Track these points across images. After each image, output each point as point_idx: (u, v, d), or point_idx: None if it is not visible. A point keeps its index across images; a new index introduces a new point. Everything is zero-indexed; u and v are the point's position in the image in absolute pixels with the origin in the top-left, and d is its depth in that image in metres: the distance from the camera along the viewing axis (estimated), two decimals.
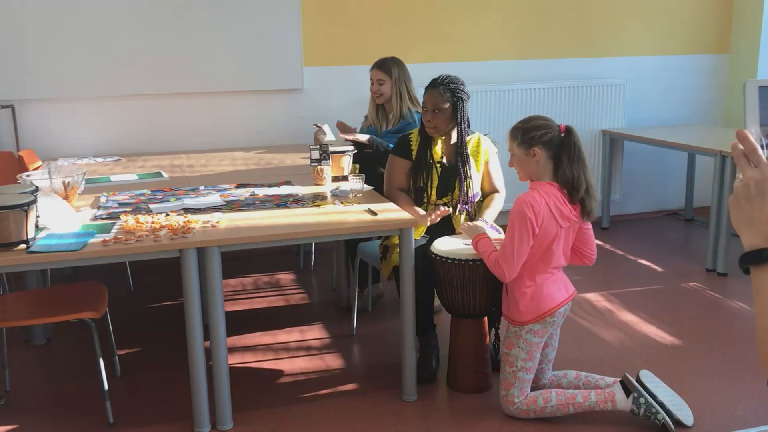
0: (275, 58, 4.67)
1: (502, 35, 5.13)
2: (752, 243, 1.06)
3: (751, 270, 1.06)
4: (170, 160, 4.21)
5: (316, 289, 4.27)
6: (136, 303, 4.07)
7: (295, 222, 2.79)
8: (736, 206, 1.08)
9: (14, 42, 4.22)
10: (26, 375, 3.21)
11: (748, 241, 1.06)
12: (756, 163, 1.06)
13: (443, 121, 3.10)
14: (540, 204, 2.62)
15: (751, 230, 1.06)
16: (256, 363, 3.28)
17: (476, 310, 2.91)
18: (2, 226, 2.39)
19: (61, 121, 4.44)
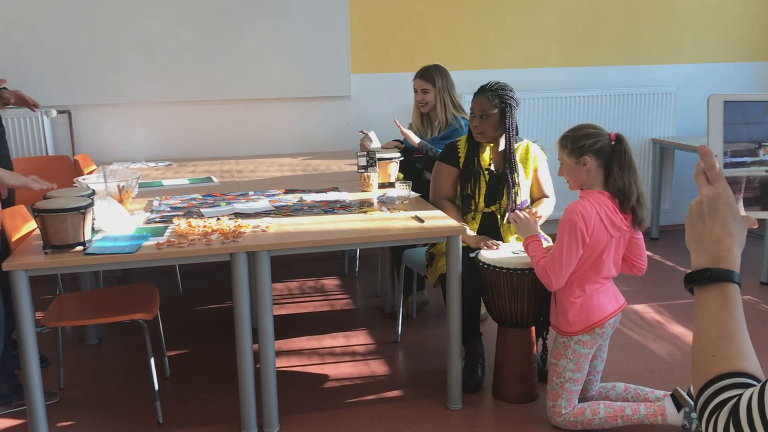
0: (323, 65, 4.72)
1: (551, 42, 5.09)
2: (698, 263, 1.03)
3: (694, 290, 1.03)
4: (219, 166, 4.28)
5: (360, 295, 4.28)
6: (184, 305, 4.15)
7: (343, 228, 2.81)
8: (689, 224, 1.06)
9: (72, 51, 4.34)
10: (79, 373, 3.29)
11: (695, 261, 1.04)
12: (712, 180, 1.03)
13: (490, 127, 3.09)
14: (590, 213, 2.59)
15: (700, 249, 1.03)
16: (301, 367, 3.31)
17: (524, 320, 2.89)
18: (60, 228, 2.46)
19: (114, 126, 4.55)
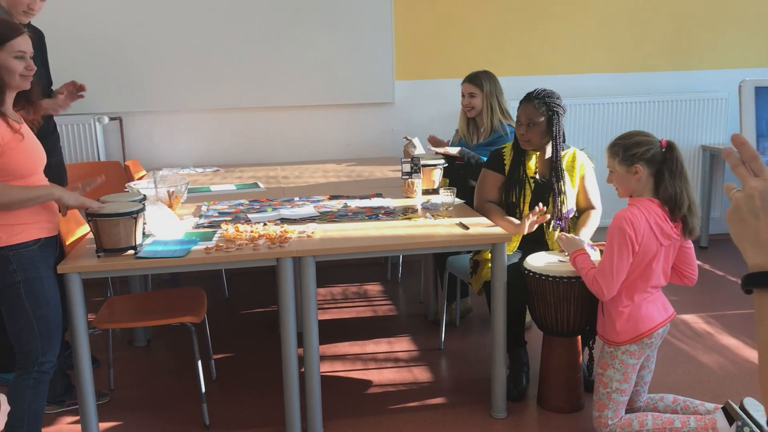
0: (367, 72, 4.74)
1: (598, 48, 5.03)
2: (758, 263, 0.93)
3: (755, 294, 0.93)
4: (265, 171, 4.33)
5: (403, 301, 4.29)
6: (230, 308, 4.21)
7: (388, 234, 2.81)
8: (737, 220, 0.95)
9: (123, 60, 4.45)
10: (128, 375, 3.36)
11: (752, 260, 0.94)
12: (758, 171, 0.94)
13: (537, 135, 3.07)
14: (640, 220, 2.55)
15: (757, 248, 0.93)
16: (345, 372, 3.32)
17: (570, 329, 2.86)
18: (113, 233, 2.52)
19: (163, 132, 4.65)
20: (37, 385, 2.47)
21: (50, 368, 2.50)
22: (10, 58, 2.36)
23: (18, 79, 2.39)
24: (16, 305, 2.40)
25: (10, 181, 2.35)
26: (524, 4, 4.89)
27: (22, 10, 3.05)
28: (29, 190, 2.39)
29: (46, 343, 2.46)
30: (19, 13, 3.05)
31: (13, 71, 2.37)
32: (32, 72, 2.44)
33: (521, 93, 3.20)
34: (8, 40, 2.36)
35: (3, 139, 2.31)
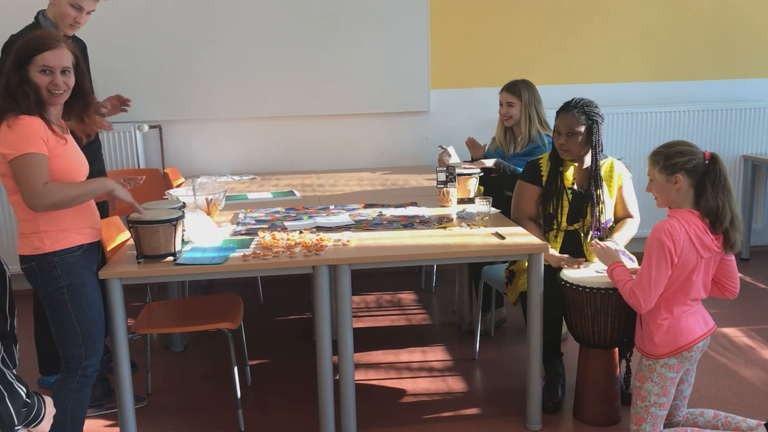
0: (403, 80, 4.76)
1: (636, 56, 4.98)
2: None
3: None
4: (301, 180, 4.37)
5: (437, 311, 4.28)
6: (266, 315, 4.24)
7: (423, 243, 2.81)
8: None
9: (163, 68, 4.54)
10: (165, 379, 3.41)
11: None
12: None
13: (577, 144, 3.05)
14: (679, 232, 2.51)
15: None
16: (379, 381, 3.33)
17: (607, 341, 2.82)
18: (153, 239, 2.56)
19: (201, 140, 4.72)
20: (80, 389, 2.51)
21: (93, 372, 2.54)
22: (36, 72, 2.38)
23: (45, 93, 2.40)
24: (61, 310, 2.45)
25: None
26: (561, 13, 4.86)
27: (68, 23, 3.14)
28: (82, 186, 2.44)
29: (89, 347, 2.50)
30: (65, 25, 3.14)
31: (39, 86, 2.38)
32: (58, 88, 2.41)
33: (557, 102, 3.18)
34: (35, 55, 2.38)
35: (49, 143, 2.36)
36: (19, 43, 2.43)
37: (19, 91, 2.35)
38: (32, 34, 2.48)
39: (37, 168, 2.32)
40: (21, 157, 2.30)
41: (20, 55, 2.38)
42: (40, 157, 2.33)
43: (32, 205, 2.34)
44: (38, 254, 2.42)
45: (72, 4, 3.12)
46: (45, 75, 2.39)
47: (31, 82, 2.37)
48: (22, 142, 2.30)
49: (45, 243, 2.41)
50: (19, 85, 2.35)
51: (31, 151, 2.31)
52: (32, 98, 2.35)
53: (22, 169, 2.31)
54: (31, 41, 2.41)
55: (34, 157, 2.31)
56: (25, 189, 2.32)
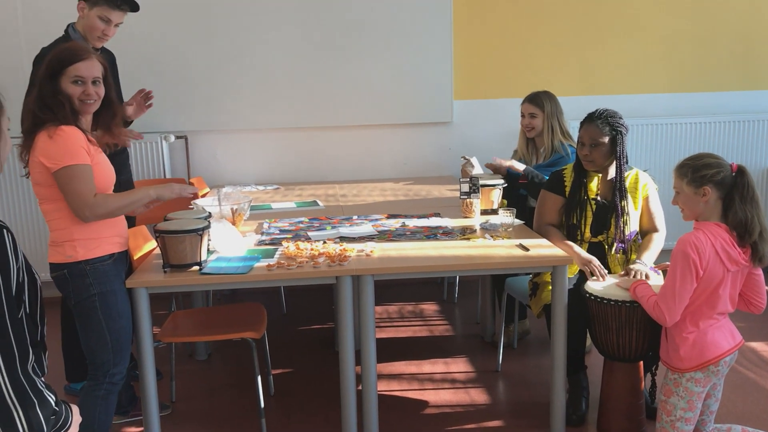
0: (426, 91, 4.78)
1: (660, 67, 4.95)
2: None
3: None
4: (324, 190, 4.39)
5: (459, 322, 4.27)
6: (288, 324, 4.26)
7: (446, 254, 2.82)
8: None
9: (189, 80, 4.60)
10: (189, 387, 3.43)
11: None
12: None
13: (601, 155, 3.04)
14: (705, 245, 2.48)
15: None
16: (401, 392, 3.32)
17: (632, 354, 2.80)
18: (179, 249, 2.59)
19: (226, 151, 4.77)
20: (107, 396, 2.54)
21: (120, 380, 2.57)
22: (68, 83, 2.44)
23: (77, 103, 2.45)
24: (90, 318, 2.49)
25: None
26: (585, 24, 4.86)
27: (97, 35, 3.20)
28: (128, 196, 2.51)
29: (117, 355, 2.53)
30: (94, 38, 3.20)
31: (71, 96, 2.44)
32: (90, 98, 2.47)
33: (581, 113, 3.17)
34: (67, 66, 2.43)
35: (89, 150, 2.41)
36: (50, 55, 2.48)
37: (53, 101, 2.40)
38: (63, 46, 2.54)
39: (85, 179, 2.38)
40: (67, 168, 2.35)
41: (53, 67, 2.44)
42: (86, 168, 2.38)
43: (83, 217, 2.39)
44: (70, 262, 2.46)
45: (101, 17, 3.18)
46: (77, 85, 2.45)
47: (63, 93, 2.42)
48: (67, 154, 2.35)
49: (78, 251, 2.44)
50: (53, 95, 2.41)
51: (77, 162, 2.36)
52: (67, 108, 2.41)
53: (70, 181, 2.36)
54: (62, 53, 2.47)
55: (80, 168, 2.37)
56: (75, 200, 2.37)
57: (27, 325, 1.51)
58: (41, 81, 2.45)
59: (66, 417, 1.53)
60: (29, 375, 1.47)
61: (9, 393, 1.42)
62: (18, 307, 1.48)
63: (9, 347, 1.43)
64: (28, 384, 1.46)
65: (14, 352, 1.43)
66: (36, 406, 1.45)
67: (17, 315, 1.47)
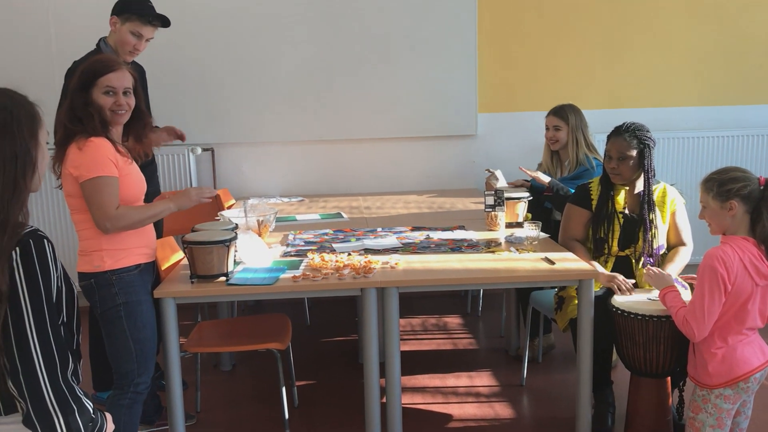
0: (450, 104, 4.79)
1: (687, 80, 4.92)
2: None
3: None
4: (348, 202, 4.41)
5: (483, 335, 4.25)
6: (312, 336, 4.27)
7: (471, 267, 2.81)
8: None
9: (216, 94, 4.65)
10: (214, 398, 3.45)
11: None
12: None
13: (629, 169, 3.02)
14: (732, 259, 2.46)
15: None
16: (425, 405, 3.31)
17: (659, 369, 2.77)
18: (207, 260, 2.62)
19: (252, 163, 4.81)
20: (132, 405, 2.57)
21: (145, 389, 2.60)
22: (100, 94, 2.48)
23: (108, 114, 2.49)
24: (116, 327, 2.52)
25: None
26: (610, 36, 4.84)
27: (128, 50, 3.26)
28: (149, 209, 2.55)
29: (141, 364, 2.56)
30: (125, 52, 3.26)
31: (102, 107, 2.48)
32: (121, 108, 2.51)
33: (606, 126, 3.16)
34: (99, 77, 2.48)
35: (118, 164, 2.45)
36: (82, 67, 2.53)
37: (84, 112, 2.45)
38: (94, 58, 2.60)
39: (109, 191, 2.41)
40: (93, 180, 2.40)
41: (85, 78, 2.49)
42: (112, 180, 2.42)
43: (104, 228, 2.43)
44: (98, 272, 2.49)
45: (133, 32, 3.24)
46: (108, 96, 2.49)
47: (94, 104, 2.47)
48: (94, 165, 2.40)
49: (105, 261, 2.48)
50: (84, 107, 2.45)
51: (103, 174, 2.40)
52: (97, 119, 2.45)
53: (95, 192, 2.40)
54: (94, 64, 2.52)
55: (106, 180, 2.41)
56: (97, 212, 2.41)
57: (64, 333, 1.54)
58: (72, 92, 2.50)
59: (102, 424, 1.56)
60: (69, 382, 1.50)
61: (51, 399, 1.45)
62: (57, 315, 1.52)
63: (50, 354, 1.46)
64: (68, 391, 1.49)
65: (55, 360, 1.47)
66: (75, 413, 1.48)
67: (57, 322, 1.51)
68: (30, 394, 1.45)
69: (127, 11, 3.23)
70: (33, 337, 1.44)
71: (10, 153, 1.46)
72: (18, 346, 1.44)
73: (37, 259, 1.46)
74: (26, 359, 1.44)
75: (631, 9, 4.82)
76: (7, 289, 1.42)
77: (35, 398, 1.45)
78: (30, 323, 1.44)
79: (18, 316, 1.44)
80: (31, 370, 1.44)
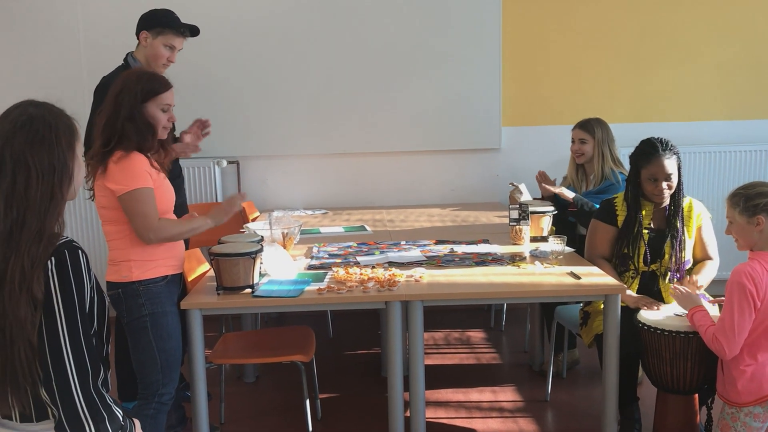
0: (474, 118, 4.79)
1: (713, 94, 4.88)
2: None
3: None
4: (372, 215, 4.43)
5: (507, 350, 4.22)
6: (335, 349, 4.27)
7: (496, 281, 2.80)
8: None
9: (241, 107, 4.71)
10: (238, 410, 3.47)
11: None
12: None
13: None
14: (761, 275, 2.43)
15: None
16: (449, 419, 3.30)
17: (686, 386, 2.73)
18: (233, 272, 2.64)
19: (276, 175, 4.85)
20: (156, 415, 2.59)
21: (169, 400, 2.62)
22: (157, 109, 2.56)
23: (160, 130, 2.59)
24: (142, 337, 2.54)
25: None
26: (635, 50, 4.82)
27: (162, 62, 3.31)
28: (189, 223, 2.60)
29: (166, 375, 2.58)
30: (159, 66, 3.30)
31: (158, 122, 2.56)
32: (171, 124, 2.63)
33: (631, 140, 3.14)
34: (160, 93, 2.57)
35: (151, 176, 2.49)
36: (140, 82, 2.55)
37: (146, 127, 2.52)
38: (148, 74, 2.63)
39: (150, 203, 2.47)
40: (133, 192, 2.44)
41: (145, 93, 2.53)
42: (150, 192, 2.48)
43: (146, 239, 2.48)
44: (125, 282, 2.53)
45: (166, 45, 3.29)
46: (163, 113, 2.58)
47: (145, 119, 2.52)
48: (133, 178, 2.45)
49: (133, 272, 2.51)
50: (145, 121, 2.51)
51: (142, 186, 2.45)
52: (150, 134, 2.52)
53: (136, 204, 2.45)
54: (154, 81, 2.59)
55: (144, 192, 2.46)
56: (140, 223, 2.46)
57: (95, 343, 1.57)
58: (134, 107, 2.51)
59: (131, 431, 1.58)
60: (99, 390, 1.52)
61: (82, 407, 1.48)
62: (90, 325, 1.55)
63: (83, 363, 1.49)
64: (98, 399, 1.51)
65: (87, 368, 1.49)
66: (106, 420, 1.51)
67: (90, 332, 1.53)
68: (62, 401, 1.47)
69: (158, 25, 3.28)
70: (66, 346, 1.47)
71: (48, 164, 1.50)
72: (51, 355, 1.47)
73: (71, 270, 1.49)
74: (59, 367, 1.47)
75: (657, 22, 4.80)
76: (42, 297, 1.45)
77: (67, 406, 1.48)
78: (63, 332, 1.47)
79: (52, 324, 1.47)
80: (64, 378, 1.47)
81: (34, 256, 1.45)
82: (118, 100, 2.51)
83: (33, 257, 1.45)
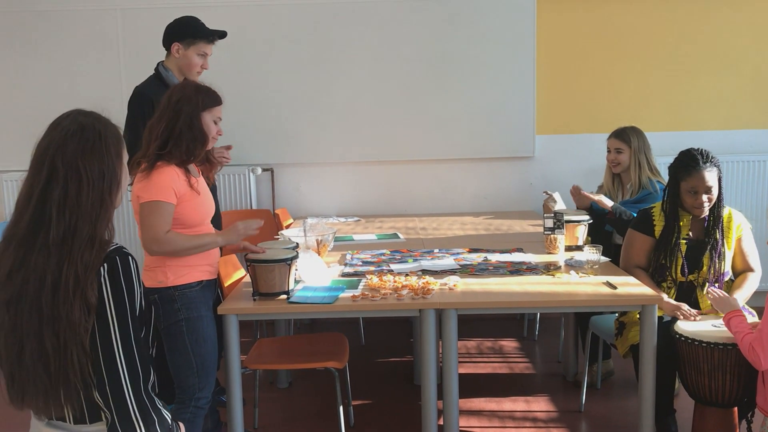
0: (508, 126, 4.78)
1: (750, 102, 4.80)
2: None
3: None
4: (404, 222, 4.43)
5: (540, 360, 4.19)
6: (367, 356, 4.28)
7: (531, 290, 2.79)
8: None
9: (276, 116, 4.76)
10: (271, 415, 3.49)
11: None
12: None
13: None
14: None
15: None
16: (482, 428, 3.28)
17: (725, 399, 2.68)
18: (269, 278, 2.67)
19: (309, 183, 4.89)
20: (193, 420, 2.62)
21: (205, 404, 2.65)
22: (211, 121, 2.62)
23: (210, 141, 2.64)
24: (178, 342, 2.58)
25: (179, 229, 2.56)
26: (671, 58, 4.77)
27: (196, 71, 3.36)
28: (195, 239, 2.59)
29: (202, 379, 2.61)
30: (194, 74, 3.36)
31: (210, 132, 2.62)
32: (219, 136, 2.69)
33: (669, 149, 3.11)
34: (215, 105, 2.64)
35: (179, 191, 2.53)
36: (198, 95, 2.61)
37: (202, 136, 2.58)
38: (206, 87, 2.68)
39: (163, 216, 2.50)
40: (151, 203, 2.49)
41: (203, 104, 2.59)
42: (168, 206, 2.51)
43: (150, 249, 2.52)
44: (161, 287, 2.57)
45: (199, 53, 3.35)
46: (215, 125, 2.65)
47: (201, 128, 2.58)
48: (156, 190, 2.49)
49: (168, 277, 2.55)
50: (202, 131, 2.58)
51: (161, 199, 2.49)
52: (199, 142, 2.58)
53: (150, 214, 2.49)
54: (211, 93, 2.65)
55: (162, 205, 2.49)
56: (147, 233, 2.50)
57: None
58: (194, 115, 2.58)
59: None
60: (150, 394, 1.56)
61: (134, 410, 1.51)
62: (140, 330, 1.58)
63: (134, 367, 1.52)
64: (149, 402, 1.55)
65: (138, 372, 1.53)
66: (156, 423, 1.54)
67: (140, 336, 1.57)
68: (115, 404, 1.51)
69: (190, 35, 3.33)
70: (119, 350, 1.51)
71: (98, 171, 1.54)
72: (104, 359, 1.50)
73: (123, 276, 1.53)
74: (112, 371, 1.50)
75: (693, 29, 4.75)
76: (96, 302, 1.49)
77: (120, 409, 1.51)
78: (116, 337, 1.50)
79: (104, 329, 1.50)
80: (116, 382, 1.50)
81: (87, 262, 1.48)
82: (178, 107, 2.56)
83: (86, 263, 1.48)
